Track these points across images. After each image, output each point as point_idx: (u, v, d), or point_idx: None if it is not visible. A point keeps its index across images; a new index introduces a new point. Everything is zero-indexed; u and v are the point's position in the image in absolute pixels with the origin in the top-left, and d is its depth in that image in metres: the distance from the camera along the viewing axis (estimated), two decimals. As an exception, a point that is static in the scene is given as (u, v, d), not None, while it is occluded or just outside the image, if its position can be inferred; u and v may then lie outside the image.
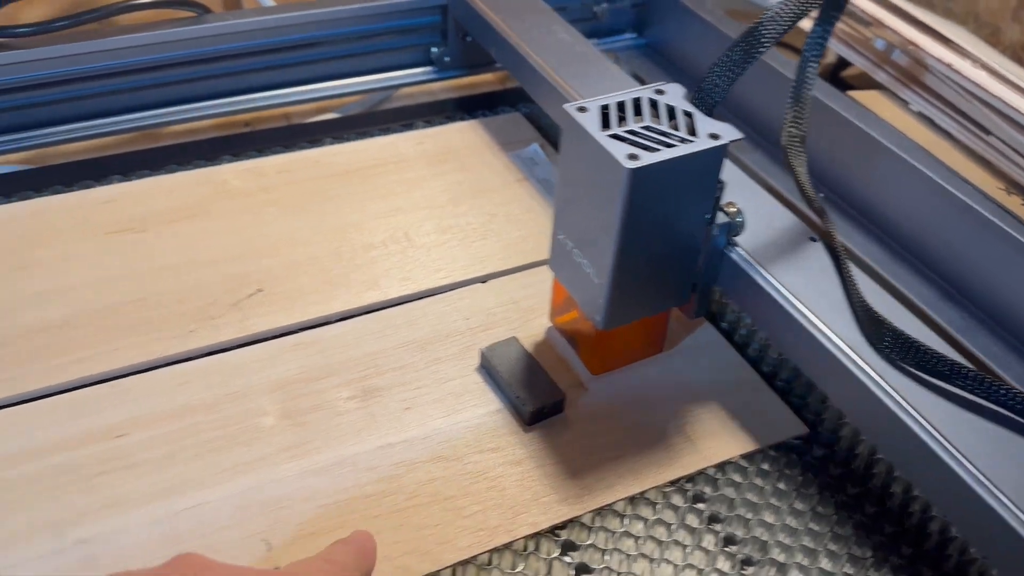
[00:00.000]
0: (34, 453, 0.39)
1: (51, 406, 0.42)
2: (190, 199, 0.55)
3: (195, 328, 0.46)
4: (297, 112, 0.70)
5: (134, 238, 0.51)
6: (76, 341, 0.45)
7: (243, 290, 0.49)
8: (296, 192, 0.56)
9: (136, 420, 0.42)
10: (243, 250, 0.51)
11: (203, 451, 0.40)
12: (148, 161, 0.59)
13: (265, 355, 0.46)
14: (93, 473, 0.39)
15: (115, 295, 0.48)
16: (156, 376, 0.44)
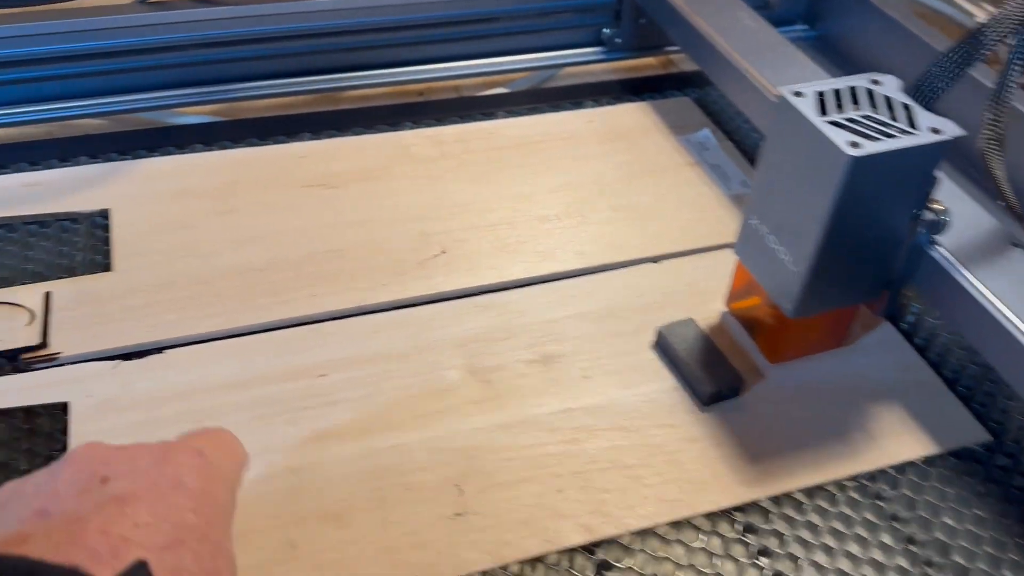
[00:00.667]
0: (246, 383, 0.43)
1: (259, 342, 0.45)
2: (376, 161, 0.57)
3: (387, 282, 0.49)
4: (467, 85, 0.72)
5: (327, 193, 0.54)
6: (278, 284, 0.48)
7: (428, 250, 0.51)
8: (472, 161, 0.58)
9: (335, 362, 0.44)
10: (425, 212, 0.54)
11: (398, 396, 0.43)
12: (335, 122, 0.61)
13: (450, 313, 0.48)
14: (299, 407, 0.42)
15: (312, 244, 0.50)
16: (351, 323, 0.46)
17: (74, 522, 0.23)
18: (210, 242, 0.50)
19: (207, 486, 0.26)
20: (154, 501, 0.24)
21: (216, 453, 0.29)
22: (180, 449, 0.27)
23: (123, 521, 0.23)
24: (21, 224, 0.50)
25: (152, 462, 0.26)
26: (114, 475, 0.25)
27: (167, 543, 0.23)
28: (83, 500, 0.24)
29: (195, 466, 0.26)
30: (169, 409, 0.41)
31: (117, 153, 0.56)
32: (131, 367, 0.43)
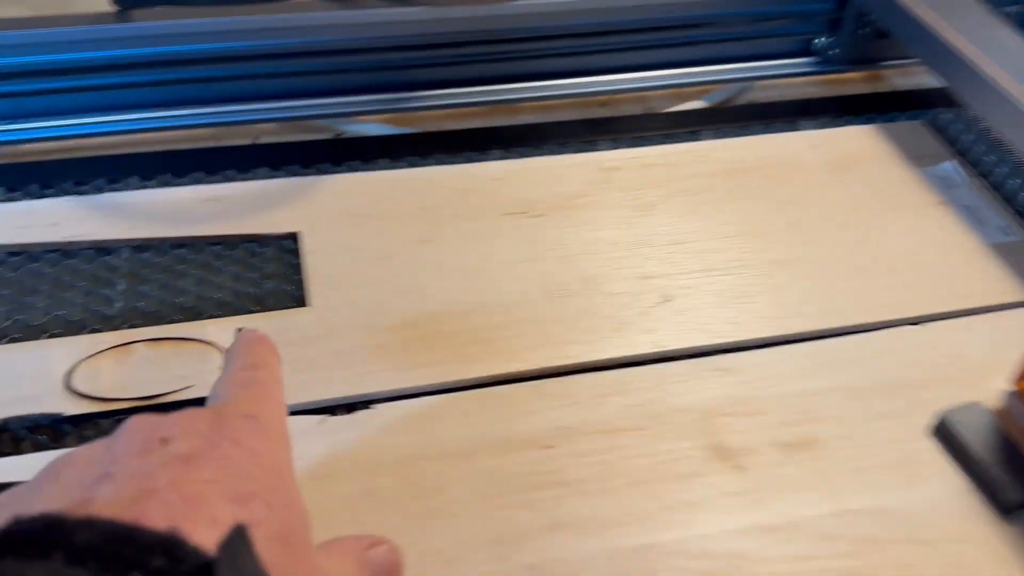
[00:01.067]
0: (469, 453, 0.37)
1: (475, 401, 0.40)
2: (576, 185, 0.51)
3: (608, 335, 0.43)
4: (654, 97, 0.66)
5: (529, 223, 0.48)
6: (489, 330, 0.42)
7: (648, 297, 0.45)
8: (683, 189, 0.52)
9: (561, 432, 0.39)
10: (639, 250, 0.47)
11: (637, 479, 0.37)
12: (522, 136, 0.56)
13: (682, 376, 0.41)
14: (529, 486, 0.36)
15: (520, 284, 0.45)
16: (573, 383, 0.41)
17: (142, 480, 0.22)
18: (412, 276, 0.45)
19: (266, 446, 0.25)
20: (219, 459, 0.23)
21: (266, 410, 0.27)
22: (233, 413, 0.26)
23: (192, 477, 0.22)
24: (205, 245, 0.46)
25: (207, 425, 0.25)
26: (172, 436, 0.23)
27: (239, 497, 0.22)
28: (146, 460, 0.23)
29: (251, 429, 0.25)
30: (386, 479, 0.36)
31: (299, 165, 0.52)
32: (339, 424, 0.38)
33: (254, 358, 0.30)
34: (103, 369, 0.39)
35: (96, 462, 0.23)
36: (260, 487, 0.23)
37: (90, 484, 0.22)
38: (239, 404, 0.27)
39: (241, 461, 0.24)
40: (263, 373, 0.30)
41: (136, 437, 0.24)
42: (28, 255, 0.45)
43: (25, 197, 0.49)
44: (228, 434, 0.24)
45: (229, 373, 0.30)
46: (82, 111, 0.56)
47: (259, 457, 0.24)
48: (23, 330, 0.41)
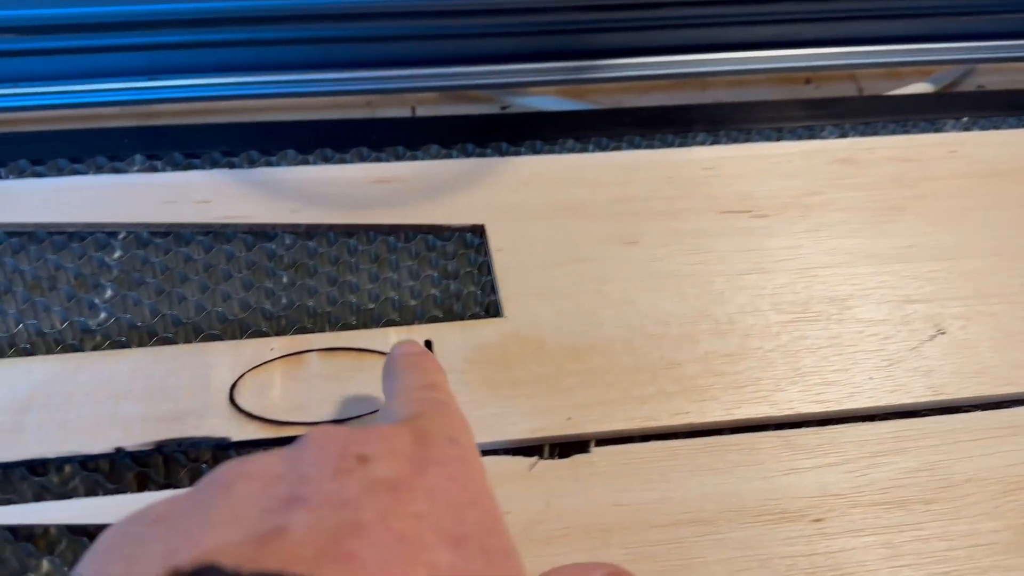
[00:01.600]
0: (711, 519, 0.30)
1: (713, 451, 0.32)
2: (809, 180, 0.42)
3: (872, 373, 0.35)
4: (864, 75, 0.56)
5: (755, 224, 0.40)
6: (721, 361, 0.34)
7: (917, 326, 0.36)
8: (936, 192, 0.42)
9: (828, 498, 0.31)
10: (894, 264, 0.39)
11: (932, 569, 0.29)
12: (730, 116, 0.47)
13: (970, 433, 0.33)
14: (801, 573, 0.29)
15: (753, 301, 0.37)
16: (834, 434, 0.33)
17: (342, 510, 0.17)
18: (621, 286, 0.37)
19: (474, 475, 0.20)
20: (429, 489, 0.18)
21: (463, 435, 0.22)
22: (433, 434, 0.21)
23: (402, 510, 0.17)
24: (376, 235, 0.40)
25: (410, 445, 0.20)
26: (373, 455, 0.19)
27: (455, 539, 0.18)
28: (345, 483, 0.18)
29: (456, 456, 0.20)
30: (617, 550, 0.29)
31: (472, 143, 0.45)
32: (552, 469, 0.31)
33: (430, 377, 0.25)
34: (272, 383, 0.33)
35: (281, 479, 0.18)
36: (475, 528, 0.18)
37: (277, 508, 0.17)
38: (437, 423, 0.22)
39: (452, 493, 0.19)
40: (444, 396, 0.24)
41: (328, 452, 0.19)
42: (176, 236, 0.39)
43: (167, 167, 0.43)
44: (434, 458, 0.20)
45: (407, 391, 0.24)
46: (224, 69, 0.50)
47: (469, 490, 0.20)
48: (174, 328, 0.35)
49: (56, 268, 0.37)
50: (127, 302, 0.36)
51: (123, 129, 0.45)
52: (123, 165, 0.42)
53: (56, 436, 0.31)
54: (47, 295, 0.36)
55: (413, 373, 0.25)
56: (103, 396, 0.32)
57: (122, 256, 0.38)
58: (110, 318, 0.35)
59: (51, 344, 0.35)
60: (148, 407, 0.31)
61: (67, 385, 0.32)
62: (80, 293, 0.36)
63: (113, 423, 0.31)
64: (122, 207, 0.39)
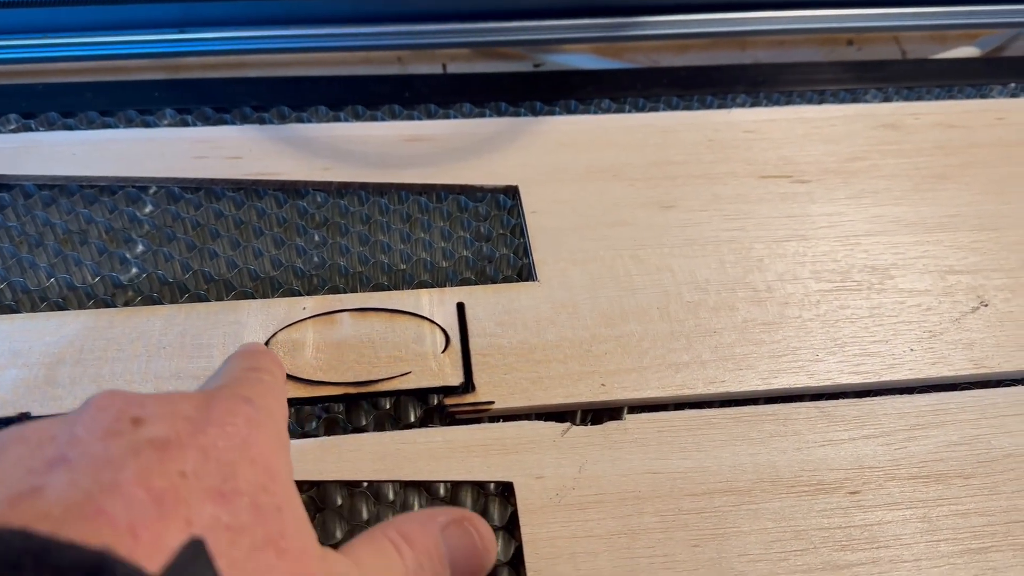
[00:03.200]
0: (746, 488, 0.29)
1: (749, 420, 0.31)
2: (849, 144, 0.41)
3: (913, 345, 0.34)
4: (909, 38, 0.54)
5: (796, 190, 0.39)
6: (759, 329, 0.34)
7: (959, 297, 0.36)
8: (980, 158, 0.41)
9: (865, 471, 0.30)
10: (937, 232, 0.38)
11: (971, 545, 0.29)
12: (771, 78, 0.46)
13: (1013, 407, 0.32)
14: (834, 544, 0.28)
15: (793, 269, 0.36)
16: (873, 406, 0.32)
17: (103, 468, 0.18)
18: (658, 251, 0.37)
19: (260, 435, 0.21)
20: (202, 447, 0.19)
21: (264, 399, 0.22)
22: (224, 395, 0.21)
23: (165, 469, 0.18)
24: (408, 195, 0.39)
25: (193, 406, 0.20)
26: (149, 417, 0.19)
27: (221, 494, 0.18)
28: (112, 444, 0.18)
29: (244, 413, 0.21)
30: (651, 517, 0.29)
31: (505, 102, 0.44)
32: (585, 435, 0.31)
33: (257, 362, 0.25)
34: (304, 343, 0.32)
35: (53, 440, 0.19)
36: (248, 484, 0.19)
37: (40, 469, 0.18)
38: (235, 387, 0.23)
39: (229, 451, 0.20)
40: (267, 376, 0.24)
41: (104, 415, 0.19)
42: (207, 192, 0.38)
43: (198, 122, 0.42)
44: (217, 417, 0.20)
45: (228, 371, 0.25)
46: (255, 23, 0.49)
47: (249, 448, 0.20)
48: (206, 284, 0.35)
49: (87, 222, 0.37)
50: (158, 257, 0.36)
51: (153, 82, 0.45)
52: (153, 119, 0.42)
53: (90, 390, 0.31)
54: (78, 249, 0.36)
55: (242, 359, 0.26)
56: (136, 352, 0.32)
57: (153, 211, 0.38)
58: (142, 273, 0.35)
59: (83, 298, 0.35)
60: (181, 364, 0.31)
61: (100, 340, 0.32)
62: (111, 248, 0.36)
63: (146, 379, 0.31)
64: (153, 162, 0.39)
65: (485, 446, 0.30)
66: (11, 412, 0.30)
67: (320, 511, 0.29)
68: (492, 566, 0.24)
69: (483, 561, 0.23)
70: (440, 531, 0.23)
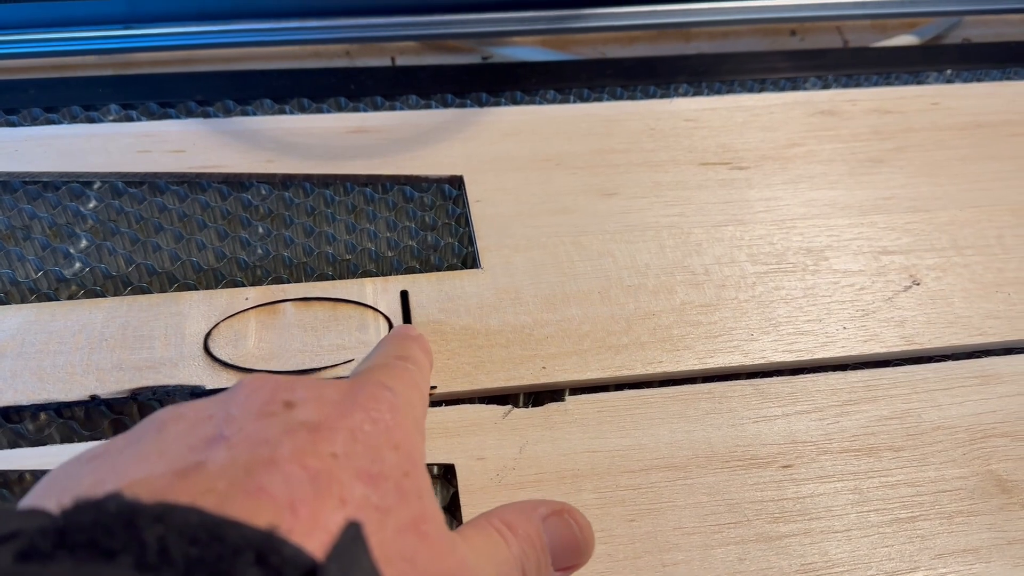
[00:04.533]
0: (683, 464, 0.30)
1: (685, 399, 0.32)
2: (789, 132, 0.42)
3: (847, 324, 0.35)
4: (851, 27, 0.56)
5: (734, 176, 0.40)
6: (696, 311, 0.35)
7: (893, 277, 0.37)
8: (914, 142, 0.42)
9: (797, 445, 0.31)
10: (871, 215, 0.39)
11: (899, 515, 0.30)
12: (713, 68, 0.47)
13: (940, 382, 0.33)
14: (769, 519, 0.29)
15: (730, 252, 0.37)
16: (806, 383, 0.33)
17: (260, 446, 0.18)
18: (600, 237, 0.37)
19: (402, 422, 0.21)
20: (350, 430, 0.20)
21: (405, 389, 0.23)
22: (368, 383, 0.22)
23: (318, 450, 0.18)
24: (353, 186, 0.39)
25: (339, 391, 0.21)
26: (300, 400, 0.20)
27: (371, 476, 0.19)
28: (268, 424, 0.19)
29: (387, 400, 0.21)
30: (589, 494, 0.29)
31: (451, 94, 0.44)
32: (527, 417, 0.32)
33: (406, 351, 0.26)
34: (246, 332, 0.33)
35: (209, 420, 0.19)
36: (392, 469, 0.20)
37: (200, 446, 0.18)
38: (377, 373, 0.23)
39: (374, 436, 0.20)
40: (412, 365, 0.25)
41: (257, 397, 0.20)
42: (151, 186, 0.38)
43: (143, 117, 0.42)
44: (362, 403, 0.21)
45: (377, 356, 0.26)
46: (202, 17, 0.49)
47: (393, 434, 0.21)
48: (149, 277, 0.35)
49: (31, 218, 0.37)
50: (102, 251, 0.36)
51: (99, 78, 0.44)
52: (98, 115, 0.42)
53: (31, 384, 0.31)
54: (22, 244, 0.36)
55: (392, 345, 0.26)
56: (78, 344, 0.32)
57: (97, 206, 0.38)
58: (85, 267, 0.35)
59: (26, 293, 0.35)
60: (123, 355, 0.32)
61: (41, 334, 0.32)
62: (55, 243, 0.36)
63: (88, 371, 0.31)
64: (96, 157, 0.39)
65: (427, 429, 0.31)
66: (-50, 407, 0.30)
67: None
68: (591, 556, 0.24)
69: (583, 551, 0.24)
70: (541, 521, 0.23)
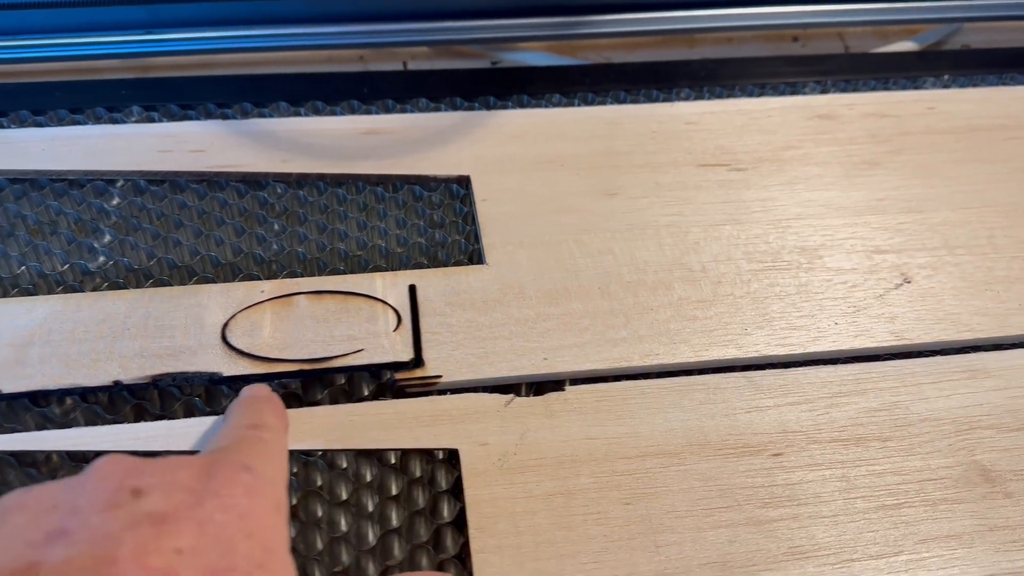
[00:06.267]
0: (678, 451, 0.31)
1: (680, 390, 0.33)
2: (787, 135, 0.44)
3: (838, 320, 0.36)
4: (852, 34, 0.57)
5: (733, 177, 0.42)
6: (693, 307, 0.36)
7: (885, 275, 0.38)
8: (909, 145, 0.44)
9: (788, 435, 0.32)
10: (865, 215, 0.40)
11: (884, 501, 0.31)
12: (714, 73, 0.48)
13: (928, 376, 0.35)
14: (759, 503, 0.30)
15: (727, 250, 0.38)
16: (798, 376, 0.34)
17: (101, 544, 0.18)
18: (601, 236, 0.39)
19: (258, 507, 0.21)
20: (199, 521, 0.20)
21: (264, 465, 0.23)
22: (225, 463, 0.22)
23: (162, 546, 0.19)
24: (365, 185, 0.41)
25: (192, 476, 0.21)
26: (148, 488, 0.20)
27: (216, 572, 0.19)
28: (111, 517, 0.19)
29: (244, 483, 0.21)
30: (586, 479, 0.31)
31: (460, 97, 0.46)
32: (527, 406, 0.33)
33: (260, 418, 0.26)
34: (262, 323, 0.34)
35: (54, 511, 0.19)
36: (244, 560, 0.19)
37: (39, 541, 0.18)
38: (234, 453, 0.23)
39: (226, 526, 0.20)
40: (268, 434, 0.25)
41: (105, 484, 0.20)
42: (172, 184, 0.40)
43: (164, 118, 0.44)
44: (215, 489, 0.21)
45: (230, 428, 0.26)
46: (221, 23, 0.51)
47: (247, 521, 0.20)
48: (170, 271, 0.37)
49: (57, 213, 0.39)
50: (125, 246, 0.38)
51: (121, 81, 0.46)
52: (121, 116, 0.44)
53: (58, 369, 0.32)
54: (48, 239, 0.38)
55: (246, 413, 0.27)
56: (102, 333, 0.33)
57: (120, 203, 0.39)
58: (109, 261, 0.37)
59: (52, 285, 0.36)
60: (145, 344, 0.33)
61: (68, 323, 0.34)
62: (80, 237, 0.38)
63: (111, 358, 0.33)
64: (120, 156, 0.41)
65: (433, 416, 0.32)
66: (-19, 391, 0.32)
67: (276, 479, 0.31)
68: None
69: None
70: None
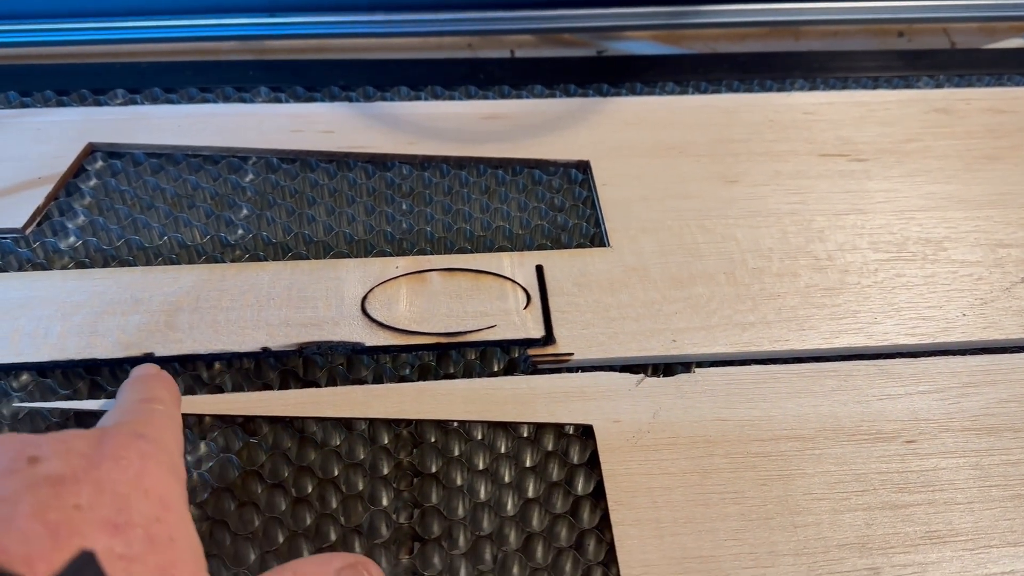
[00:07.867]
0: (811, 436, 0.32)
1: (811, 376, 0.34)
2: (904, 126, 0.44)
3: (965, 310, 0.36)
4: (958, 30, 0.56)
5: (853, 168, 0.42)
6: (821, 294, 0.36)
7: (1011, 269, 0.38)
8: (1028, 141, 0.43)
9: (921, 423, 0.33)
10: (987, 209, 0.40)
11: (1017, 491, 0.31)
12: (828, 65, 0.48)
13: (1060, 371, 0.35)
14: (895, 489, 0.31)
15: (851, 239, 0.38)
16: (927, 365, 0.34)
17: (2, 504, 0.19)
18: (723, 222, 0.39)
19: (153, 468, 0.22)
20: (96, 481, 0.20)
21: (156, 432, 0.24)
22: (118, 432, 0.23)
23: (60, 503, 0.19)
24: (486, 168, 0.42)
25: (88, 444, 0.22)
26: (44, 456, 0.21)
27: (115, 525, 0.20)
28: (8, 482, 0.20)
29: (138, 448, 0.22)
30: (721, 459, 0.31)
31: (575, 84, 0.46)
32: (658, 386, 0.34)
33: (151, 393, 0.27)
34: (398, 298, 0.35)
35: None
36: (141, 515, 0.20)
37: None
38: (128, 424, 0.24)
39: (122, 484, 0.21)
40: (160, 406, 0.26)
41: (2, 456, 0.21)
42: (303, 163, 0.42)
43: (290, 99, 0.45)
44: (110, 452, 0.22)
45: (122, 404, 0.26)
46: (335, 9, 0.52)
47: (143, 480, 0.21)
48: (306, 246, 0.38)
49: (194, 188, 0.40)
50: (262, 221, 0.39)
51: (248, 62, 0.48)
52: (249, 96, 0.45)
53: (208, 335, 0.34)
54: (187, 212, 0.40)
55: (138, 389, 0.27)
56: (248, 302, 0.35)
57: (254, 179, 0.41)
58: (247, 234, 0.39)
59: (193, 255, 0.38)
60: (289, 313, 0.34)
61: (213, 291, 0.35)
62: (218, 211, 0.39)
63: (258, 326, 0.34)
64: (252, 134, 0.42)
65: (566, 392, 0.33)
66: (137, 353, 0.33)
67: (418, 446, 0.32)
68: None
69: None
70: (335, 574, 0.23)
